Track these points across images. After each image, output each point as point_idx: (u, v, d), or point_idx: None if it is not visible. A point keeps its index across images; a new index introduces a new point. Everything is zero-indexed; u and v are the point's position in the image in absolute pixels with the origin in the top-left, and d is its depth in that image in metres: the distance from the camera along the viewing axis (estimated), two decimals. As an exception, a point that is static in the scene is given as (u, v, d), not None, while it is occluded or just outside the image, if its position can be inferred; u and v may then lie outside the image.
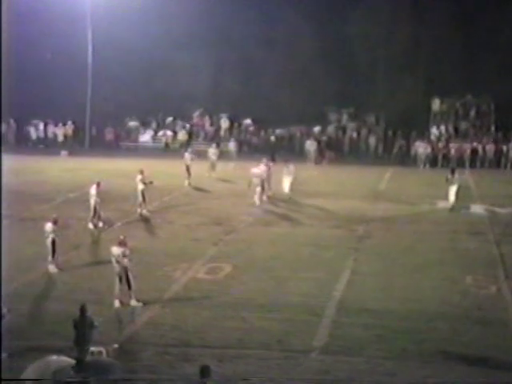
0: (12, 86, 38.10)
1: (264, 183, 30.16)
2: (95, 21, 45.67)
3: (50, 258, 20.79)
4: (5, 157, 32.33)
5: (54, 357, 13.11)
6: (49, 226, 20.94)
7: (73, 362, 12.82)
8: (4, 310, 13.74)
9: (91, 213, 25.60)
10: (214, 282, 19.85)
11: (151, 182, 27.48)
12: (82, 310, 14.04)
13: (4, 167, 29.60)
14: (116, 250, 18.18)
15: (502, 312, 17.72)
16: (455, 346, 15.71)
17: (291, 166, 31.48)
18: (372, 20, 46.13)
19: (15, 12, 40.76)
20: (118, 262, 18.06)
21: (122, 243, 18.26)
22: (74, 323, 13.91)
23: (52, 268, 20.75)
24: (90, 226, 25.57)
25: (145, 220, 27.07)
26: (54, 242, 20.76)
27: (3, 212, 24.10)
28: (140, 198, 27.47)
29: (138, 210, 27.54)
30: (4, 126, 47.41)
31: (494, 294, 19.09)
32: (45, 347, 13.94)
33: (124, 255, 18.00)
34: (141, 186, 27.33)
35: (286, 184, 31.20)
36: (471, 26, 45.12)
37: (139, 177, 27.46)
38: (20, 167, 36.54)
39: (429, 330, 16.46)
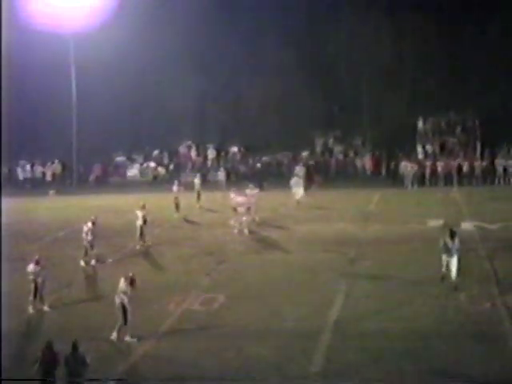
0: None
1: (249, 211, 30.23)
2: (78, 60, 45.76)
3: (30, 298, 20.45)
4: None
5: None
6: (31, 267, 20.55)
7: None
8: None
9: (84, 250, 25.49)
10: (209, 313, 19.75)
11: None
12: (74, 346, 13.97)
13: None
14: (121, 284, 17.96)
15: (497, 327, 17.68)
16: (452, 363, 15.65)
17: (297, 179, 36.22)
18: (354, 42, 46.53)
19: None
20: (118, 295, 17.86)
21: (127, 279, 18.01)
22: (65, 360, 13.81)
23: (30, 309, 20.44)
24: (82, 263, 25.42)
25: (137, 254, 26.95)
26: (35, 283, 20.36)
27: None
28: (138, 233, 27.63)
29: (138, 246, 27.68)
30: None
31: (488, 310, 19.04)
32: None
33: (124, 292, 17.82)
34: (140, 222, 27.52)
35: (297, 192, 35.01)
36: (453, 44, 45.59)
37: (140, 212, 27.60)
38: (8, 207, 36.34)
39: (425, 349, 16.39)
